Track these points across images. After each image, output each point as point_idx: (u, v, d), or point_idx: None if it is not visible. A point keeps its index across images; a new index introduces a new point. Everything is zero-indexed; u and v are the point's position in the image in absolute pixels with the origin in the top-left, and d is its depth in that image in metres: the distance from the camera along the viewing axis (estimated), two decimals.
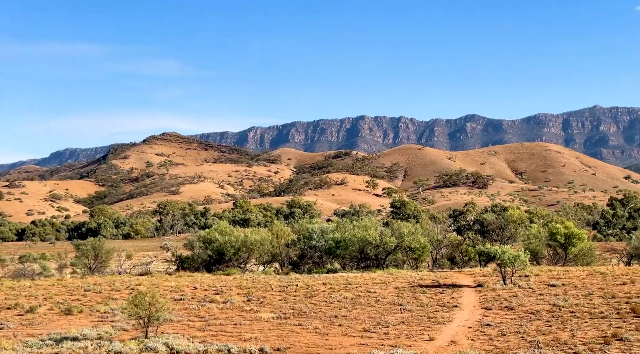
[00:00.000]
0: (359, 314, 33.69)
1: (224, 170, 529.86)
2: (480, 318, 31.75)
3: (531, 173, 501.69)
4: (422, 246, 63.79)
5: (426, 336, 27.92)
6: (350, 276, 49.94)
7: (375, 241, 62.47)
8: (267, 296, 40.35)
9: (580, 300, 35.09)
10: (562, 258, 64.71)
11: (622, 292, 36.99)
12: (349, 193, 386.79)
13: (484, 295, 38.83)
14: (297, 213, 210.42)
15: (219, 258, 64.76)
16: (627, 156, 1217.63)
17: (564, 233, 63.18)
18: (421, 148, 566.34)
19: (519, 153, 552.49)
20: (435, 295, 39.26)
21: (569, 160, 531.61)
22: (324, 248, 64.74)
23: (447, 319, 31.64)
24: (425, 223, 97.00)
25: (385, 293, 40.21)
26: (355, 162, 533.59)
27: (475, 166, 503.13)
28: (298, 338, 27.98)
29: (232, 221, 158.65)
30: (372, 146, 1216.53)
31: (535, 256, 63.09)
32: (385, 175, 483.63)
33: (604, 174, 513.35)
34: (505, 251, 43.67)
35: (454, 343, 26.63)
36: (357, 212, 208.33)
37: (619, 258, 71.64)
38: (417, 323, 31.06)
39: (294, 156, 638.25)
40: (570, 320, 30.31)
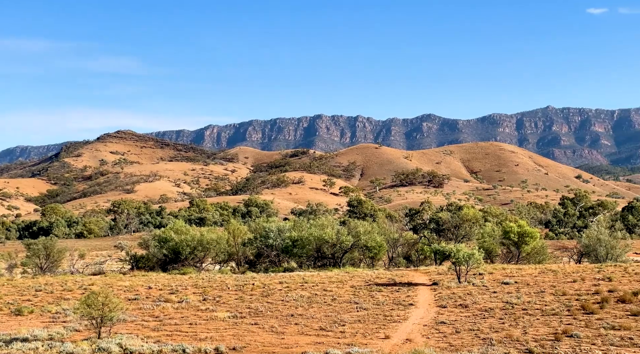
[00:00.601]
0: (315, 313, 33.69)
1: (180, 169, 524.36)
2: (435, 316, 32.05)
3: (486, 173, 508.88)
4: (378, 245, 64.16)
5: (382, 335, 28.06)
6: (307, 275, 49.92)
7: (332, 240, 62.59)
8: (223, 296, 40.06)
9: (532, 298, 35.69)
10: (515, 256, 65.76)
11: (573, 289, 37.75)
12: (306, 192, 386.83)
13: (439, 293, 39.21)
14: (254, 212, 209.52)
15: (175, 258, 64.10)
16: (578, 156, 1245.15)
17: (517, 231, 64.20)
18: (378, 148, 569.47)
19: (474, 153, 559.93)
20: (391, 294, 39.49)
21: (522, 160, 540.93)
22: (280, 247, 64.63)
23: (402, 318, 31.86)
24: (382, 222, 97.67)
25: (341, 292, 40.29)
26: (312, 160, 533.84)
27: (431, 165, 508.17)
28: (254, 337, 27.84)
29: (188, 220, 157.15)
30: (329, 145, 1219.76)
31: (489, 255, 64.01)
32: (342, 174, 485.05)
33: (556, 174, 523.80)
34: (460, 249, 44.17)
35: (410, 341, 26.82)
36: (314, 211, 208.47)
37: (570, 256, 73.13)
38: (373, 321, 31.19)
39: (251, 154, 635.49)
40: (522, 317, 30.80)
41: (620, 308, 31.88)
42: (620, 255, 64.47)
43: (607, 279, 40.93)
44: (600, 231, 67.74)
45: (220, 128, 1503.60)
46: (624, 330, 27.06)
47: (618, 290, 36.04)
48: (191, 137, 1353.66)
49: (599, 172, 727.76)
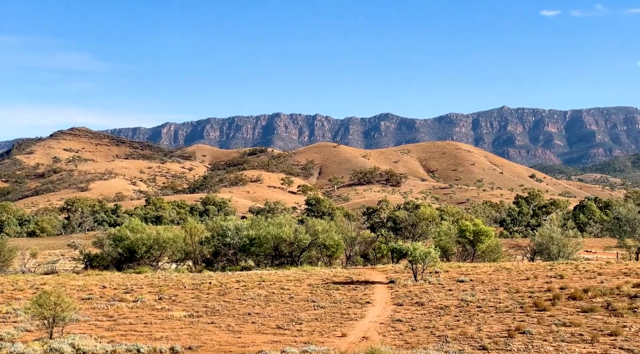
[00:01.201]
0: (272, 311, 33.62)
1: (136, 167, 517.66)
2: (392, 314, 32.27)
3: (443, 172, 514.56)
4: (336, 243, 64.35)
5: (339, 333, 28.14)
6: (264, 274, 49.79)
7: (290, 238, 62.56)
8: (179, 295, 39.68)
9: (486, 295, 36.20)
10: (471, 255, 66.66)
11: (526, 287, 38.40)
12: (264, 190, 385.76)
13: (396, 291, 39.49)
14: (212, 210, 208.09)
15: (130, 256, 63.27)
16: (532, 155, 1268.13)
17: (472, 230, 65.08)
18: (336, 146, 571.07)
19: (431, 152, 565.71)
20: (348, 292, 39.63)
21: (478, 159, 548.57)
22: (238, 246, 64.35)
23: (359, 316, 32.00)
24: (340, 221, 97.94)
25: (299, 290, 40.28)
26: (270, 159, 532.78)
27: (389, 164, 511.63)
28: (210, 336, 27.64)
29: (145, 218, 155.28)
30: (287, 143, 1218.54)
31: (445, 253, 64.73)
32: (300, 172, 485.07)
33: (511, 173, 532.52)
34: (416, 248, 44.55)
35: (366, 339, 26.94)
36: (272, 209, 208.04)
37: (523, 254, 74.47)
38: (330, 319, 31.26)
39: (209, 153, 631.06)
40: (477, 315, 31.22)
41: (571, 304, 32.54)
42: (572, 253, 65.88)
43: (559, 276, 41.75)
44: (552, 230, 69.06)
45: (178, 126, 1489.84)
46: (575, 326, 27.64)
47: (569, 287, 36.79)
48: (148, 135, 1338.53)
49: (552, 171, 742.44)
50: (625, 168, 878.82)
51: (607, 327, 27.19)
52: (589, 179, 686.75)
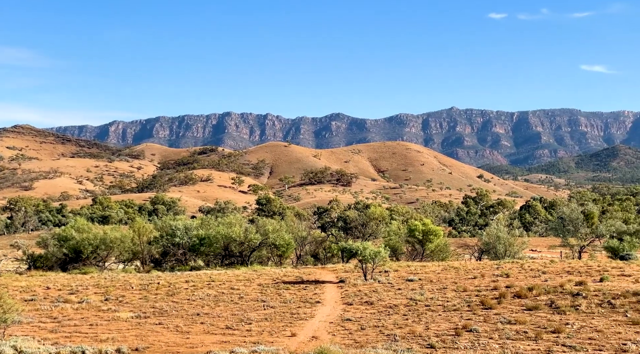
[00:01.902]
0: (221, 311, 33.36)
1: (82, 165, 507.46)
2: (342, 313, 32.38)
3: (393, 172, 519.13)
4: (286, 243, 64.25)
5: (288, 332, 28.09)
6: (214, 274, 49.36)
7: (240, 238, 62.23)
8: (126, 295, 39.04)
9: (435, 294, 36.63)
10: (420, 254, 67.38)
11: (473, 286, 38.99)
12: (215, 189, 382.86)
13: (346, 290, 39.64)
14: (161, 209, 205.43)
15: (76, 257, 61.99)
16: (480, 156, 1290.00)
17: (422, 229, 65.80)
18: (287, 146, 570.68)
19: (382, 152, 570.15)
20: (298, 291, 39.60)
21: (428, 159, 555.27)
22: (187, 245, 63.69)
23: (309, 315, 32.00)
24: (290, 220, 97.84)
25: (249, 290, 40.08)
26: (221, 158, 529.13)
27: (340, 164, 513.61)
28: (158, 337, 27.26)
29: (91, 218, 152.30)
30: (238, 143, 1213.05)
31: (394, 252, 65.29)
32: (251, 172, 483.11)
33: (460, 173, 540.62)
34: (366, 247, 44.79)
35: (316, 338, 26.96)
36: (223, 209, 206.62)
37: (471, 254, 75.64)
38: (280, 319, 31.18)
39: (158, 151, 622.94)
40: (425, 313, 31.56)
41: (517, 303, 33.18)
42: (518, 252, 67.18)
43: (505, 275, 42.51)
44: (499, 230, 70.30)
45: (126, 124, 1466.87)
46: (520, 324, 28.19)
47: (515, 285, 37.48)
48: (95, 133, 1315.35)
49: (499, 171, 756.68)
50: (569, 168, 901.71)
51: (551, 324, 27.81)
52: (534, 179, 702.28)
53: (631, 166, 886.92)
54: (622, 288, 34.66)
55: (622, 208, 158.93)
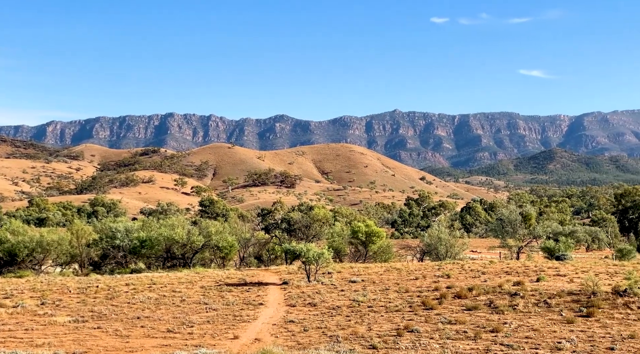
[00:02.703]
0: (163, 314, 32.87)
1: (18, 166, 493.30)
2: (285, 315, 32.31)
3: (337, 173, 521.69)
4: (229, 244, 63.81)
5: (231, 335, 27.88)
6: (155, 276, 48.60)
7: (183, 240, 61.50)
8: (64, 299, 38.06)
9: (377, 295, 36.90)
10: (363, 255, 67.82)
11: (415, 286, 39.44)
12: (157, 191, 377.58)
13: (289, 292, 39.57)
14: (101, 211, 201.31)
15: (10, 260, 60.12)
16: (422, 158, 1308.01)
17: (365, 231, 66.26)
18: (231, 147, 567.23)
19: (326, 154, 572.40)
20: (241, 293, 39.34)
21: (371, 161, 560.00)
22: (128, 248, 62.57)
23: (252, 317, 31.83)
24: (234, 222, 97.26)
25: (191, 293, 39.61)
26: (163, 159, 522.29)
27: (284, 166, 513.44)
28: (96, 342, 26.67)
29: (27, 220, 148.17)
30: (181, 144, 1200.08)
31: (338, 254, 65.54)
32: (194, 173, 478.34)
33: (402, 175, 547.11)
34: (310, 249, 44.81)
35: (258, 341, 26.83)
36: (165, 211, 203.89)
37: (413, 255, 76.53)
38: (223, 321, 30.92)
39: (98, 152, 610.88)
40: (368, 314, 31.76)
41: (457, 303, 33.71)
42: (459, 253, 68.33)
43: (446, 276, 43.13)
44: (440, 231, 71.37)
45: (64, 124, 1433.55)
46: (460, 324, 28.66)
47: (455, 286, 38.07)
48: (32, 133, 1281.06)
49: (441, 173, 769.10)
50: (508, 171, 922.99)
51: (490, 324, 28.36)
52: (475, 181, 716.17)
53: (567, 169, 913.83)
54: (557, 287, 35.60)
55: (558, 209, 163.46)
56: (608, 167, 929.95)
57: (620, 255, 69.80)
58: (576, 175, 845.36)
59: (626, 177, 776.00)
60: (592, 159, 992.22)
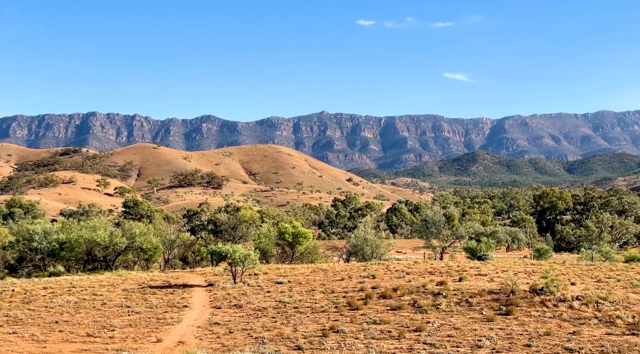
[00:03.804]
0: (83, 318, 31.94)
1: None
2: (210, 317, 31.92)
3: (264, 175, 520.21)
4: (154, 246, 62.62)
5: (154, 338, 27.34)
6: (75, 279, 47.16)
7: (105, 242, 59.95)
8: None
9: (303, 296, 36.92)
10: (290, 256, 67.80)
11: (341, 287, 39.65)
12: (78, 192, 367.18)
13: (215, 294, 39.13)
14: (18, 213, 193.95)
15: None
16: (349, 160, 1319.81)
17: (291, 232, 66.25)
18: (156, 148, 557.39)
19: (253, 155, 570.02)
20: (165, 296, 38.66)
21: (298, 163, 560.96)
22: (47, 250, 60.56)
23: (176, 320, 31.31)
24: (159, 223, 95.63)
25: (112, 296, 38.64)
26: (85, 159, 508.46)
27: (211, 166, 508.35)
28: (11, 347, 25.66)
29: None
30: (104, 144, 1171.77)
31: (265, 255, 65.30)
32: (118, 174, 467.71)
33: (330, 176, 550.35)
34: (236, 250, 44.45)
35: (182, 343, 26.41)
36: (87, 212, 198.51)
37: (340, 255, 76.97)
38: (145, 324, 30.29)
39: (15, 152, 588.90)
40: (293, 315, 31.73)
41: (382, 303, 34.08)
42: (384, 253, 69.12)
43: (371, 276, 43.53)
44: (366, 232, 72.05)
45: None
46: (384, 324, 28.98)
47: (380, 286, 38.48)
48: None
49: (368, 175, 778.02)
50: (433, 172, 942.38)
51: (413, 323, 28.79)
52: (401, 183, 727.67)
53: (489, 170, 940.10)
54: (478, 287, 36.48)
55: (481, 210, 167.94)
56: (527, 169, 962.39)
57: (538, 254, 72.29)
58: (497, 176, 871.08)
59: (544, 178, 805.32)
60: (513, 161, 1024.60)
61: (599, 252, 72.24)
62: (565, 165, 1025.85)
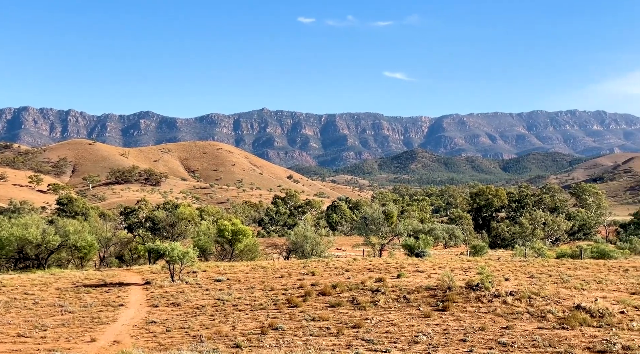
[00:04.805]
0: (13, 318, 30.97)
1: None
2: (146, 316, 31.41)
3: (204, 172, 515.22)
4: (89, 244, 61.29)
5: (88, 338, 26.73)
6: (5, 278, 45.69)
7: (37, 240, 58.30)
8: None
9: (242, 294, 36.72)
10: (229, 254, 67.35)
11: (280, 284, 39.59)
12: (9, 189, 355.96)
13: (152, 292, 38.53)
14: None
15: None
16: (290, 157, 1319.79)
17: (231, 229, 65.80)
18: (92, 144, 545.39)
19: (192, 152, 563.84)
20: (100, 295, 37.86)
21: (239, 160, 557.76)
22: None
23: (111, 319, 30.70)
24: (94, 221, 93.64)
25: (45, 295, 37.61)
26: (17, 155, 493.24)
27: (149, 163, 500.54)
28: None
29: None
30: (37, 139, 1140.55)
31: (204, 253, 64.73)
32: (51, 170, 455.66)
33: (270, 174, 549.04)
34: (174, 248, 43.87)
35: (117, 343, 25.91)
36: (18, 209, 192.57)
37: (279, 253, 76.93)
38: (79, 324, 29.59)
39: None
40: (232, 313, 31.52)
41: (321, 300, 34.17)
42: (324, 250, 69.41)
43: (311, 274, 43.63)
44: (306, 229, 72.20)
45: None
46: (323, 321, 29.06)
47: (320, 283, 38.60)
48: None
49: (308, 172, 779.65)
50: (373, 170, 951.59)
51: (352, 320, 28.96)
52: (341, 180, 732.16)
53: (427, 168, 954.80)
54: (416, 283, 36.97)
55: (419, 208, 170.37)
56: (465, 167, 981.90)
57: (474, 251, 73.80)
58: (436, 174, 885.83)
59: (481, 176, 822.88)
60: (451, 159, 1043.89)
61: (532, 248, 74.21)
62: (501, 164, 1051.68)
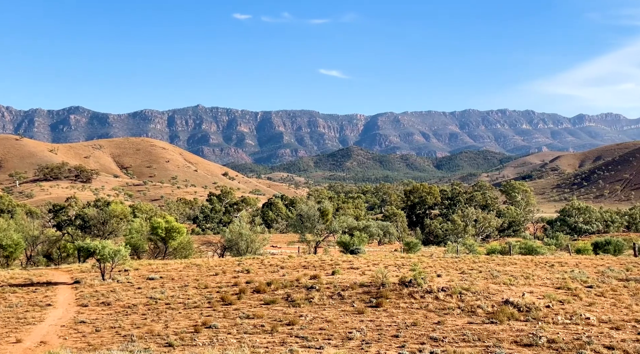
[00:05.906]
0: None
1: None
2: (75, 316, 30.65)
3: (137, 168, 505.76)
4: (14, 243, 59.36)
5: (13, 338, 25.92)
6: None
7: None
8: None
9: (176, 292, 36.22)
10: (163, 252, 66.33)
11: (215, 282, 39.25)
12: None
13: (81, 291, 37.61)
14: None
15: None
16: (225, 154, 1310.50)
17: (164, 227, 64.76)
18: (19, 139, 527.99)
19: (125, 148, 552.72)
20: (27, 295, 36.73)
21: (173, 156, 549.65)
22: None
23: (38, 319, 29.83)
24: (21, 219, 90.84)
25: None
26: None
27: (80, 159, 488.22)
28: None
29: None
30: None
31: (136, 251, 63.56)
32: None
33: (205, 171, 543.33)
34: (105, 246, 42.93)
35: (44, 343, 25.20)
36: None
37: (214, 250, 76.29)
38: (4, 325, 28.65)
39: None
40: (165, 312, 31.06)
41: (256, 298, 34.04)
42: (259, 248, 69.20)
43: (246, 271, 43.41)
44: (242, 226, 71.82)
45: None
46: (257, 318, 28.95)
47: (255, 281, 38.46)
48: None
49: (244, 169, 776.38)
50: (309, 167, 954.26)
51: (286, 317, 28.95)
52: (277, 178, 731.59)
53: (362, 166, 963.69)
54: (350, 280, 37.23)
55: (354, 205, 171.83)
56: (399, 164, 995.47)
57: (408, 248, 74.84)
58: (371, 172, 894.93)
59: (414, 174, 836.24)
60: (385, 157, 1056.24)
61: (464, 245, 75.79)
62: (434, 162, 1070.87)
